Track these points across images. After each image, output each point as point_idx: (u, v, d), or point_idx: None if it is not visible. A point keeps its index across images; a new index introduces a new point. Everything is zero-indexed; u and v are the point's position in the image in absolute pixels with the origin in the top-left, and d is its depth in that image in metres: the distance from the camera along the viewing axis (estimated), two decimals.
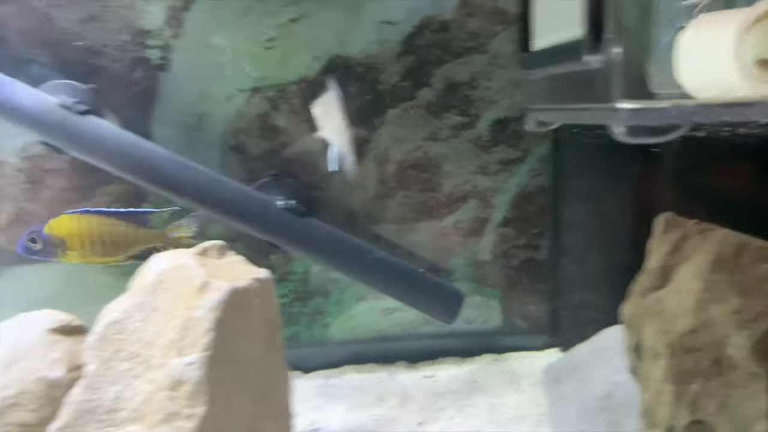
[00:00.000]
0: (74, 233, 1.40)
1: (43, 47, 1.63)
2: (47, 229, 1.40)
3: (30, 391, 1.20)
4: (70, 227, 1.40)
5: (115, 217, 1.44)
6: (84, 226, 1.41)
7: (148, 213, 1.48)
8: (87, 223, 1.41)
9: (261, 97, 1.74)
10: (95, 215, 1.43)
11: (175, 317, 1.17)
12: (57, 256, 1.41)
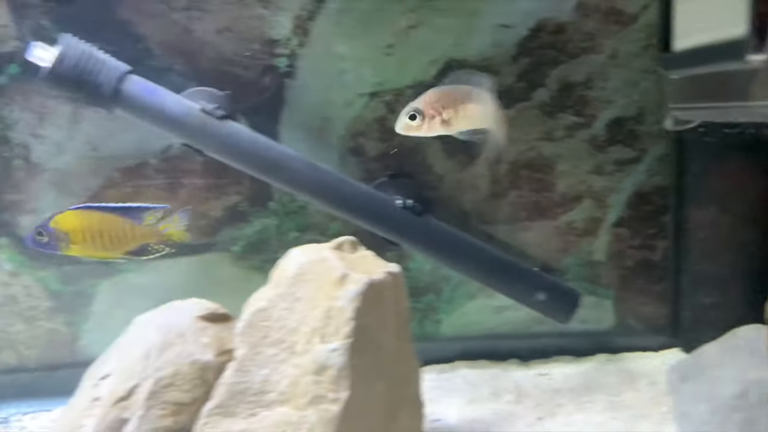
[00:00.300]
0: (77, 228, 1.47)
1: (181, 57, 1.76)
2: (53, 223, 1.47)
3: (184, 373, 1.31)
4: (74, 223, 1.47)
5: (113, 213, 1.50)
6: (86, 222, 1.48)
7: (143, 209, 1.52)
8: (89, 219, 1.48)
9: (379, 101, 1.81)
10: (97, 212, 1.49)
11: (317, 306, 1.25)
12: (61, 249, 1.48)
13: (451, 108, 1.33)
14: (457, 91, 1.36)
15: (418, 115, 1.33)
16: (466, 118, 1.34)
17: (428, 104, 1.34)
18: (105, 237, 1.47)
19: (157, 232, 1.51)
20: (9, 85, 1.72)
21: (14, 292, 1.82)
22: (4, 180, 1.75)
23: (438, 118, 1.34)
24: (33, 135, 1.75)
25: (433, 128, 1.34)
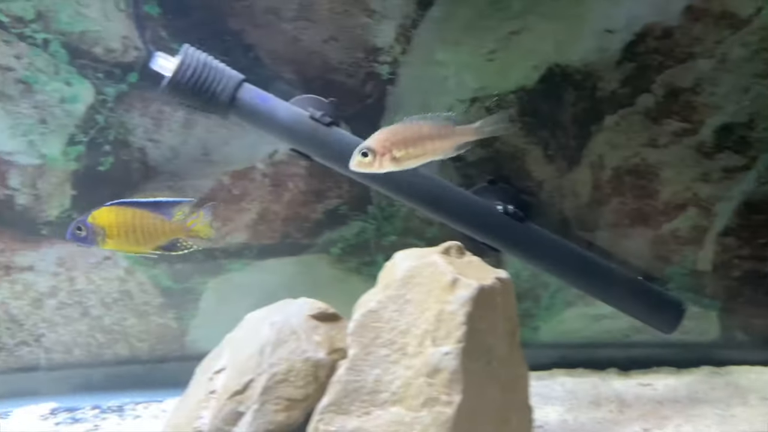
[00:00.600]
0: (113, 223, 1.51)
1: (288, 65, 1.82)
2: (91, 219, 1.51)
3: (297, 370, 1.35)
4: (110, 218, 1.51)
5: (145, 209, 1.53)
6: (121, 218, 1.52)
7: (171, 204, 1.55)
8: (124, 215, 1.52)
9: (479, 107, 1.82)
10: (131, 208, 1.53)
11: (428, 309, 1.27)
12: (98, 243, 1.52)
13: (401, 147, 1.41)
14: (406, 130, 1.43)
15: (370, 153, 1.41)
16: (415, 157, 1.43)
17: (379, 143, 1.42)
18: (138, 232, 1.52)
19: (185, 227, 1.55)
20: (129, 93, 1.83)
21: (129, 288, 1.92)
22: (124, 182, 1.87)
23: (388, 155, 1.42)
24: (150, 139, 1.86)
25: (384, 165, 1.43)
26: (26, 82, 1.79)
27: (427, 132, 1.42)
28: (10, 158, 1.82)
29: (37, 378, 1.94)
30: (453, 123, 1.44)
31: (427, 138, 1.42)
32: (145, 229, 1.52)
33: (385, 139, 1.40)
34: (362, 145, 1.40)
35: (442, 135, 1.43)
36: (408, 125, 1.42)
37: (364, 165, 1.41)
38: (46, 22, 1.77)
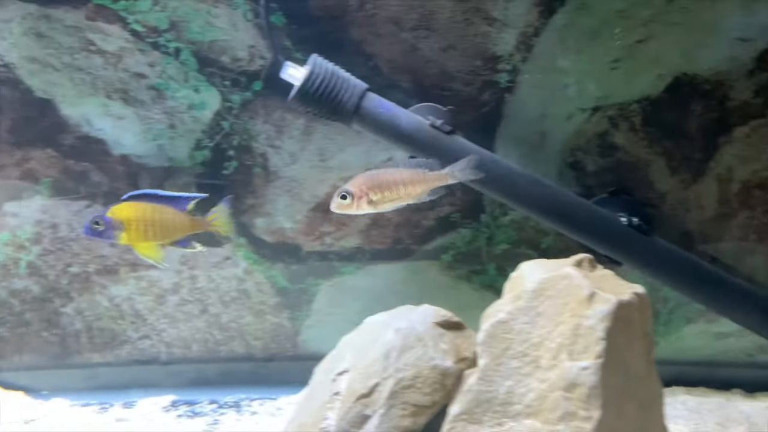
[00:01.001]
0: (131, 218, 1.51)
1: (406, 74, 1.83)
2: (109, 213, 1.51)
3: (424, 376, 1.36)
4: (128, 212, 1.52)
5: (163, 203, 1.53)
6: (140, 213, 1.52)
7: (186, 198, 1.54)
8: (142, 209, 1.52)
9: (601, 116, 1.78)
10: (149, 203, 1.53)
11: (562, 323, 1.25)
12: (116, 238, 1.53)
13: (377, 191, 1.51)
14: (382, 175, 1.53)
15: (348, 196, 1.51)
16: (390, 201, 1.53)
17: (357, 187, 1.52)
18: (156, 226, 1.52)
19: (204, 223, 1.55)
20: (253, 100, 1.89)
21: (247, 287, 1.99)
22: (246, 186, 1.93)
23: (365, 198, 1.52)
24: (271, 146, 1.91)
25: (361, 207, 1.53)
26: (158, 89, 1.88)
27: (401, 177, 1.53)
28: (141, 161, 1.91)
29: (157, 371, 2.03)
30: (427, 168, 1.54)
31: (401, 183, 1.52)
32: (163, 223, 1.52)
33: (363, 184, 1.52)
34: (341, 188, 1.53)
35: (416, 180, 1.53)
36: (384, 171, 1.54)
37: (343, 207, 1.53)
38: (178, 32, 1.85)
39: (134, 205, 1.52)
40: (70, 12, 1.84)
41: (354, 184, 1.52)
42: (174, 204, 1.53)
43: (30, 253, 1.94)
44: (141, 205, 1.52)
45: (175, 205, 1.53)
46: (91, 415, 1.85)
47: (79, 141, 1.89)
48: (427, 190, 1.54)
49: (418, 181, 1.53)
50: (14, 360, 1.98)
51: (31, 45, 1.85)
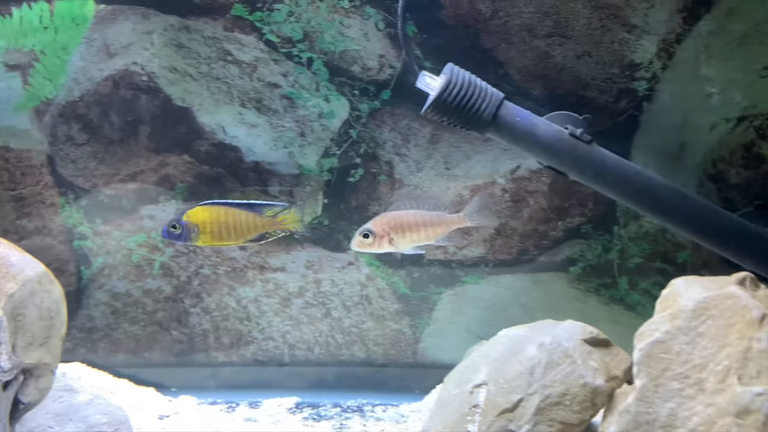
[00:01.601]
0: (206, 221, 1.58)
1: (538, 82, 1.80)
2: (185, 217, 1.58)
3: (573, 394, 1.32)
4: (203, 216, 1.58)
5: (237, 208, 1.58)
6: (214, 215, 1.58)
7: (264, 206, 1.59)
8: (216, 212, 1.58)
9: (747, 126, 1.69)
10: (222, 206, 1.59)
11: (728, 345, 1.18)
12: (191, 240, 1.59)
13: (398, 231, 1.57)
14: (404, 216, 1.59)
15: (371, 235, 1.56)
16: (410, 241, 1.59)
17: (379, 226, 1.57)
18: (230, 228, 1.59)
19: (275, 222, 1.60)
20: (381, 109, 1.90)
21: (369, 293, 2.00)
22: (370, 193, 1.94)
23: (386, 237, 1.57)
24: (397, 153, 1.91)
25: (382, 246, 1.58)
26: (290, 98, 1.92)
27: (422, 219, 1.58)
28: (272, 168, 1.96)
29: (279, 372, 2.07)
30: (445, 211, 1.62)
31: (422, 225, 1.58)
32: (236, 225, 1.59)
33: (385, 224, 1.57)
34: (363, 227, 1.57)
35: (435, 222, 1.59)
36: (405, 212, 1.59)
37: (364, 245, 1.58)
38: (311, 42, 1.88)
39: (209, 208, 1.60)
40: (209, 23, 1.91)
41: (376, 224, 1.58)
42: (250, 209, 1.61)
43: (163, 255, 2.02)
44: (215, 208, 1.60)
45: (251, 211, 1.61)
46: (219, 414, 1.90)
47: (213, 148, 1.96)
48: (446, 231, 1.60)
49: (438, 223, 1.58)
50: (145, 357, 2.06)
51: (171, 55, 1.93)
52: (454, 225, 1.59)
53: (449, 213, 1.62)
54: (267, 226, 1.61)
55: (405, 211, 1.60)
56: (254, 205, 1.61)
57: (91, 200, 2.01)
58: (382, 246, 1.57)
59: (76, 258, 2.03)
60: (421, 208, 1.61)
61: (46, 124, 2.00)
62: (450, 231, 1.61)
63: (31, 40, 1.98)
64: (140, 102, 1.95)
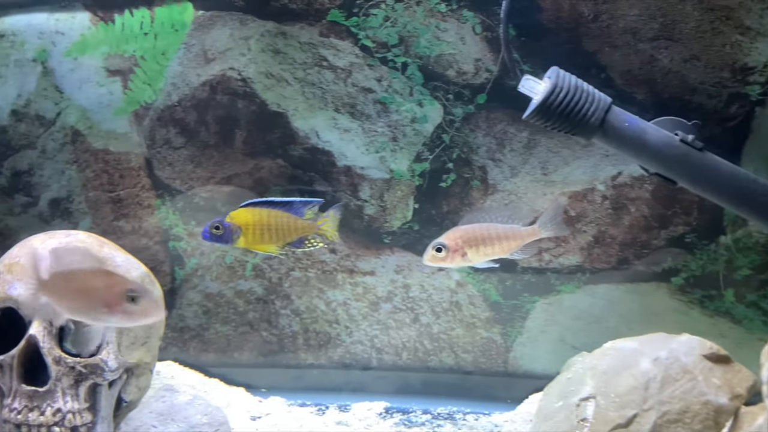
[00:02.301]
0: (249, 223, 1.54)
1: (642, 86, 1.74)
2: (228, 218, 1.55)
3: (694, 411, 1.26)
4: (246, 218, 1.55)
5: (278, 209, 1.55)
6: (257, 217, 1.54)
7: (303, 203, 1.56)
8: (259, 214, 1.54)
9: None
10: (265, 208, 1.55)
11: None
12: (233, 242, 1.56)
13: (472, 245, 1.52)
14: (477, 230, 1.55)
15: (444, 249, 1.53)
16: (484, 255, 1.54)
17: (452, 240, 1.53)
18: (272, 230, 1.56)
19: (315, 226, 1.57)
20: (476, 113, 1.87)
21: (459, 299, 1.97)
22: (463, 198, 1.91)
23: (460, 251, 1.53)
24: (492, 159, 1.88)
25: (455, 261, 1.54)
26: (383, 103, 1.91)
27: (495, 233, 1.54)
28: (363, 172, 1.95)
29: (366, 376, 2.06)
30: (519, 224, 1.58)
31: (495, 238, 1.54)
32: (278, 227, 1.56)
33: (459, 237, 1.53)
34: (436, 241, 1.54)
35: (510, 236, 1.55)
36: (479, 226, 1.55)
37: (437, 260, 1.54)
38: (406, 47, 1.86)
39: (251, 210, 1.58)
40: (305, 29, 1.92)
41: (450, 238, 1.54)
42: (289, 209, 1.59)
43: (256, 257, 2.03)
44: (257, 210, 1.58)
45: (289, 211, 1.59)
46: (310, 416, 1.90)
47: (306, 152, 1.96)
48: (521, 245, 1.56)
49: (512, 237, 1.55)
50: (235, 357, 2.08)
51: (267, 61, 1.95)
52: (528, 238, 1.56)
53: (522, 225, 1.58)
54: (306, 230, 1.59)
55: (478, 225, 1.57)
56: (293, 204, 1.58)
57: (186, 202, 2.05)
58: (455, 260, 1.55)
59: (171, 258, 2.07)
60: (494, 221, 1.58)
61: (144, 128, 2.05)
62: (524, 244, 1.57)
63: (132, 46, 2.04)
64: (236, 107, 1.98)
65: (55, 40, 2.04)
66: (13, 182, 2.14)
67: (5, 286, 1.54)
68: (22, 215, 2.14)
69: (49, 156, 2.10)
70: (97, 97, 2.04)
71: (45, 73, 2.06)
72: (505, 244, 1.55)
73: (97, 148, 2.07)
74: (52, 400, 1.52)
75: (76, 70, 2.05)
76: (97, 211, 2.10)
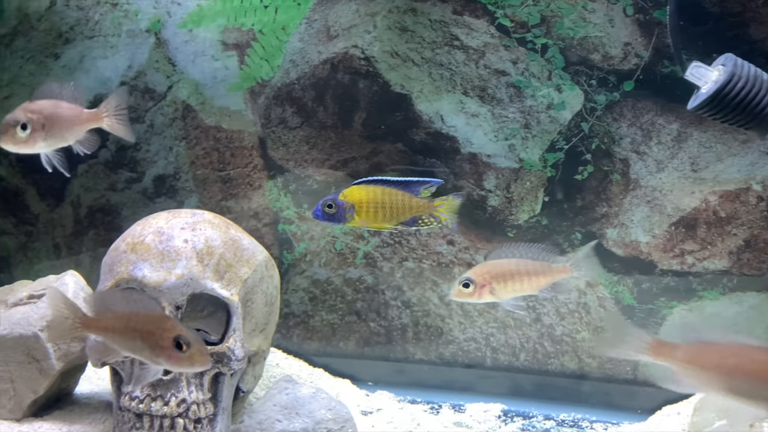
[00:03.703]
0: (363, 200, 1.45)
1: None
2: (341, 196, 1.45)
3: None
4: (360, 195, 1.45)
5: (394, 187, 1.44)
6: (371, 195, 1.45)
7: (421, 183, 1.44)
8: (373, 192, 1.45)
9: None
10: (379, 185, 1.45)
11: None
12: (346, 220, 1.46)
13: (500, 281, 1.45)
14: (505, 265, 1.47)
15: (471, 284, 1.46)
16: (512, 291, 1.47)
17: (480, 275, 1.46)
18: (386, 208, 1.46)
19: (431, 205, 1.45)
20: (620, 102, 1.70)
21: (588, 301, 1.81)
22: (599, 193, 1.75)
23: (487, 287, 1.46)
24: (636, 151, 1.71)
25: (483, 296, 1.46)
26: (518, 87, 1.76)
27: (525, 268, 1.46)
28: (489, 160, 1.80)
29: (478, 375, 1.93)
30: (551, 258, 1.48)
31: (525, 274, 1.46)
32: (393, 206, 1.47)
33: (487, 272, 1.45)
34: (463, 276, 1.47)
35: (539, 271, 1.46)
36: (507, 261, 1.47)
37: (464, 295, 1.47)
38: (548, 27, 1.70)
39: (365, 188, 1.48)
40: (438, 6, 1.77)
41: (477, 273, 1.47)
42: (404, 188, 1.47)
43: (368, 244, 1.91)
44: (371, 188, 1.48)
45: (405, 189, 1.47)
46: (425, 415, 1.78)
47: (429, 137, 1.82)
48: (551, 282, 1.48)
49: (542, 273, 1.47)
50: (340, 347, 1.97)
51: (394, 39, 1.81)
52: (559, 275, 1.45)
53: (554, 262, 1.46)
54: (422, 209, 1.48)
55: (507, 260, 1.47)
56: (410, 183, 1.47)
57: (299, 184, 1.93)
58: (483, 296, 1.46)
59: (279, 242, 1.96)
60: (524, 257, 1.47)
61: (259, 106, 1.93)
62: (555, 281, 1.46)
63: (250, 19, 1.92)
64: (357, 87, 1.85)
65: (170, 11, 1.93)
66: (118, 157, 2.06)
67: (129, 267, 1.43)
68: (125, 191, 2.06)
69: (157, 131, 2.01)
70: (212, 72, 1.94)
71: (158, 45, 1.97)
72: (534, 280, 1.45)
73: (208, 125, 1.96)
74: (177, 390, 1.42)
75: (190, 43, 1.94)
76: (205, 189, 2.00)
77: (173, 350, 1.18)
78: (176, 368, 1.32)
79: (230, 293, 1.45)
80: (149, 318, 1.23)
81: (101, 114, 1.50)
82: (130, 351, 1.23)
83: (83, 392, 1.71)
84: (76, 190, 2.08)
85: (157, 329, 1.20)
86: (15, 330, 1.54)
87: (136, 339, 1.20)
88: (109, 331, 1.23)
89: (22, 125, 1.39)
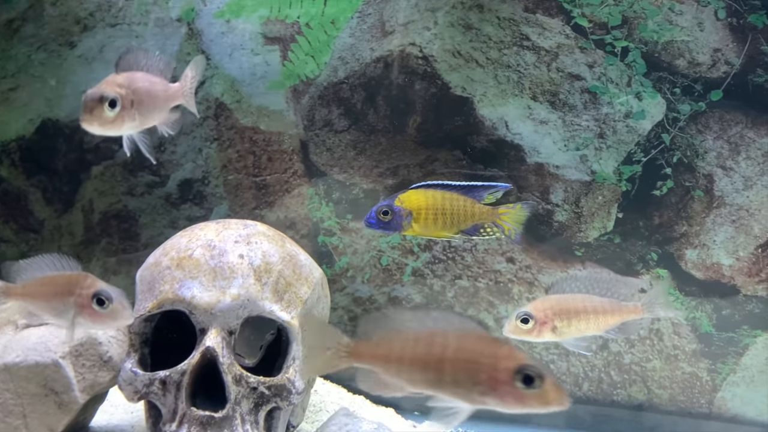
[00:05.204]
0: (421, 206, 1.30)
1: None
2: (397, 202, 1.30)
3: None
4: (419, 201, 1.30)
5: (455, 191, 1.29)
6: (430, 200, 1.30)
7: (486, 188, 1.29)
8: (433, 197, 1.30)
9: None
10: (440, 190, 1.29)
11: None
12: (402, 228, 1.30)
13: (564, 318, 1.29)
14: (570, 301, 1.30)
15: (530, 320, 1.29)
16: (577, 330, 1.30)
17: (541, 311, 1.29)
18: (447, 215, 1.30)
19: (495, 212, 1.30)
20: (707, 112, 1.55)
21: (660, 327, 1.65)
22: (679, 210, 1.60)
23: (549, 324, 1.29)
24: (721, 166, 1.56)
25: (542, 335, 1.30)
26: (593, 93, 1.59)
27: (591, 305, 1.31)
28: (557, 171, 1.63)
29: None
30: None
31: (592, 312, 1.30)
32: (453, 212, 1.31)
33: (548, 308, 1.29)
34: (521, 311, 1.30)
35: (608, 310, 1.31)
36: (573, 296, 1.31)
37: (521, 332, 1.30)
38: (629, 29, 1.55)
39: (423, 192, 1.32)
40: (507, 2, 1.59)
41: (537, 308, 1.30)
42: (467, 193, 1.31)
43: (417, 260, 1.73)
44: (430, 192, 1.32)
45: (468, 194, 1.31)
46: None
47: (491, 144, 1.64)
48: (620, 321, 1.33)
49: (610, 312, 1.32)
50: None
51: (456, 37, 1.63)
52: (629, 315, 1.31)
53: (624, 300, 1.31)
54: (485, 216, 1.33)
55: (571, 295, 1.32)
56: (474, 188, 1.32)
57: (343, 193, 1.74)
58: (543, 334, 1.30)
59: (319, 255, 1.76)
60: (590, 292, 1.32)
61: (303, 106, 1.73)
62: (624, 322, 1.31)
63: (296, 11, 1.72)
64: (413, 88, 1.66)
65: None
66: (139, 158, 1.84)
67: (174, 285, 1.23)
68: (144, 196, 1.84)
69: (185, 131, 1.79)
70: (250, 67, 1.73)
71: (190, 36, 1.76)
72: (602, 319, 1.30)
73: (244, 125, 1.76)
74: (231, 429, 1.22)
75: (227, 35, 1.74)
76: (237, 196, 1.79)
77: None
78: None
79: (290, 317, 1.26)
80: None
81: (184, 88, 1.29)
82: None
83: (100, 424, 1.49)
84: (88, 194, 1.85)
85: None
86: (30, 357, 1.31)
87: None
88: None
89: (110, 102, 1.12)
